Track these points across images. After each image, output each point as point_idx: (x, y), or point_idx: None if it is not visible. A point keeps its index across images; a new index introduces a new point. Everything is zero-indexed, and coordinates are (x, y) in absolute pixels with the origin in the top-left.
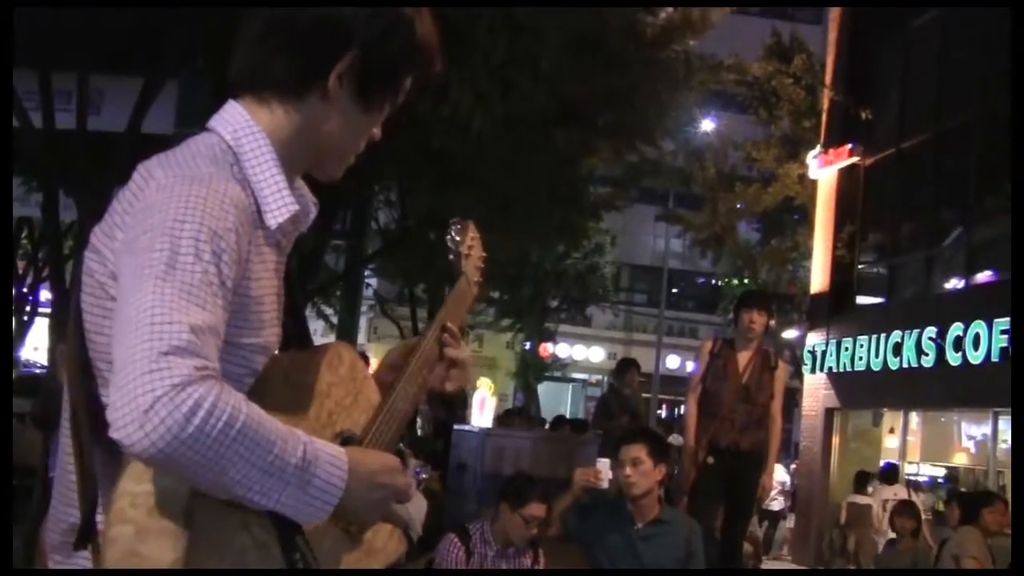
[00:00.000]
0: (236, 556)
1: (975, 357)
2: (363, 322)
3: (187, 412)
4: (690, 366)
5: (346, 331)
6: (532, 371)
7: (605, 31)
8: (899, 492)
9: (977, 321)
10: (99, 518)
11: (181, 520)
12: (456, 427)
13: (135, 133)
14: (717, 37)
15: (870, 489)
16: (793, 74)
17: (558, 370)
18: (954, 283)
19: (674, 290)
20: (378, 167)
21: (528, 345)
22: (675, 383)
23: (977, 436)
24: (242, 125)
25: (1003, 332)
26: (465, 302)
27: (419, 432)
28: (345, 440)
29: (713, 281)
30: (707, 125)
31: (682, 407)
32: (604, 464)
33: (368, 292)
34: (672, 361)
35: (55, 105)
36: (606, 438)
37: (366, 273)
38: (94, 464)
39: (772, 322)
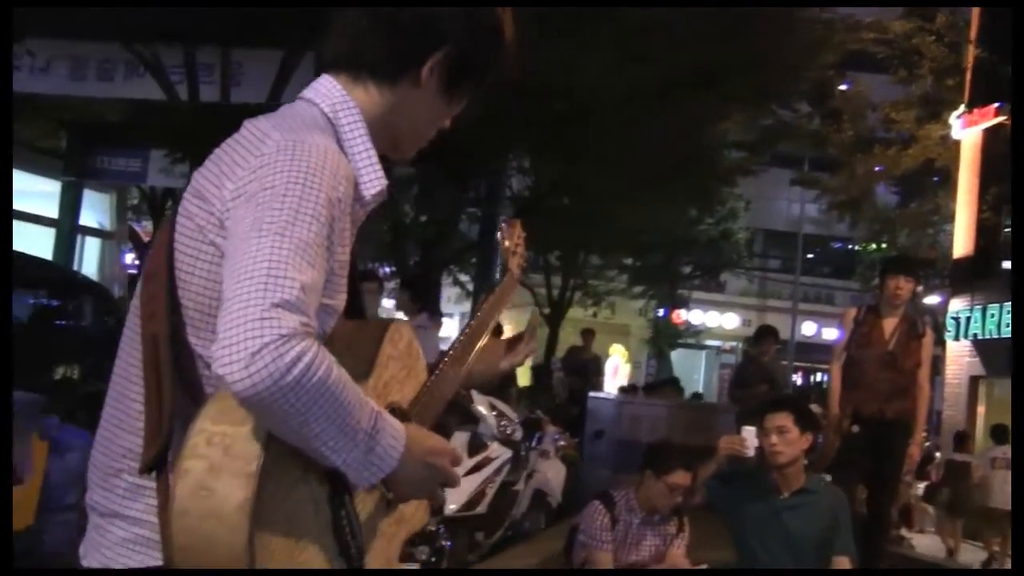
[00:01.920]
0: (293, 506)
1: None
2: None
3: (289, 362)
4: (826, 333)
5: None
6: (665, 338)
7: None
8: (1007, 452)
9: None
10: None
11: (255, 464)
12: (591, 394)
13: (276, 105)
14: None
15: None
16: (936, 31)
17: (691, 337)
18: None
19: (809, 255)
20: (511, 135)
21: (661, 312)
22: (811, 350)
23: None
24: (339, 99)
25: None
26: (509, 295)
27: (555, 400)
28: (393, 412)
29: (850, 246)
30: (844, 86)
31: (818, 375)
32: (749, 432)
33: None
34: (808, 328)
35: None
36: (744, 405)
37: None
38: (172, 397)
39: (919, 288)
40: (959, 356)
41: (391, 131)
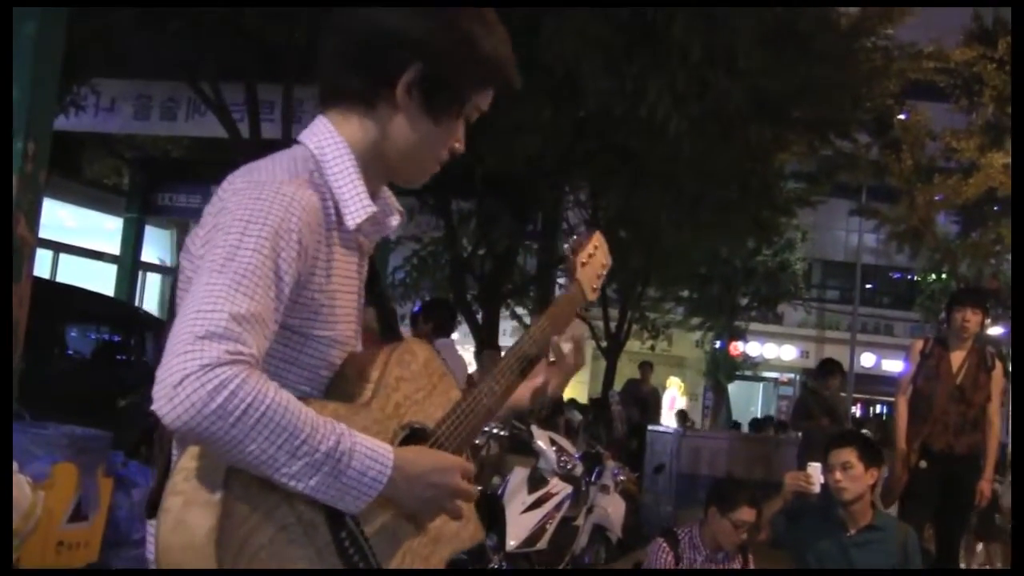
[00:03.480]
0: (276, 528)
1: None
2: None
3: (211, 390)
4: (886, 364)
5: None
6: (722, 370)
7: (800, 21)
8: None
9: None
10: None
11: (219, 491)
12: (651, 428)
13: None
14: (916, 23)
15: None
16: (998, 59)
17: (749, 369)
18: None
19: (868, 286)
20: (569, 168)
21: (718, 344)
22: (870, 382)
23: None
24: (325, 136)
25: None
26: (573, 307)
27: (614, 434)
28: (413, 431)
29: (909, 276)
30: (903, 116)
31: (878, 407)
32: (815, 468)
33: (560, 292)
34: (867, 359)
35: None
36: (805, 439)
37: (558, 273)
38: (170, 442)
39: (988, 320)
40: None
41: (386, 158)
